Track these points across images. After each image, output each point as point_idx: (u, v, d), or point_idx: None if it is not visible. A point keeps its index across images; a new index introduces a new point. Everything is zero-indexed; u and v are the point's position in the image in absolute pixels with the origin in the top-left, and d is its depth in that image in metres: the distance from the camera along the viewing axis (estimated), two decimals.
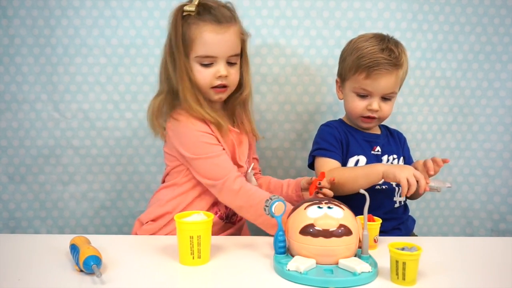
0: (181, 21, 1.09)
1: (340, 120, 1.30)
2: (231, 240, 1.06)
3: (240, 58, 1.15)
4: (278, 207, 0.90)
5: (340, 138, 1.23)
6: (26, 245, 1.00)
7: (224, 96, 1.15)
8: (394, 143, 1.29)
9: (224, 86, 1.12)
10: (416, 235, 1.31)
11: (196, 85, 1.11)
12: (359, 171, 1.14)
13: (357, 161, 1.21)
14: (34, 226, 1.50)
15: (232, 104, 1.19)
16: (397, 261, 0.82)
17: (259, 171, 1.33)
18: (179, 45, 1.09)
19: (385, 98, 1.19)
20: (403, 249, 0.83)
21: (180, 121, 1.10)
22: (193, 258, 0.89)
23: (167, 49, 1.13)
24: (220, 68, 1.10)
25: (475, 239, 1.39)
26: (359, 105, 1.20)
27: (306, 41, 1.47)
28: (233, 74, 1.13)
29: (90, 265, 0.82)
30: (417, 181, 1.02)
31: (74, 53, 1.43)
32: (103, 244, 1.02)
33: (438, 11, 1.48)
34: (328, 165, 1.21)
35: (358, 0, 1.45)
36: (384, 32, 1.24)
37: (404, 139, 1.34)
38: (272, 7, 1.44)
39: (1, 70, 1.42)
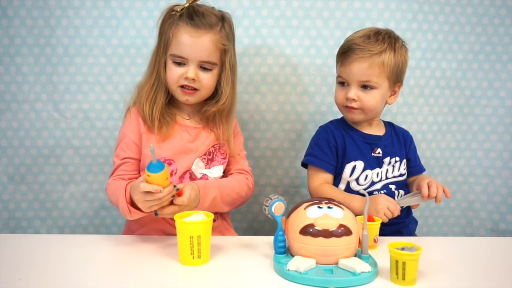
0: (168, 20, 1.13)
1: (342, 119, 1.29)
2: (231, 240, 1.06)
3: (220, 68, 1.16)
4: (278, 207, 0.90)
5: (335, 144, 1.22)
6: (26, 245, 1.00)
7: (191, 99, 1.16)
8: (398, 143, 1.27)
9: (194, 89, 1.14)
10: (416, 235, 1.31)
11: (165, 82, 1.15)
12: (338, 199, 1.11)
13: (354, 167, 1.20)
14: (34, 226, 1.50)
15: (207, 110, 1.19)
16: (397, 261, 0.82)
17: (239, 171, 1.28)
18: (160, 42, 1.14)
19: (365, 87, 1.17)
20: (403, 249, 0.83)
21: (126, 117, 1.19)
22: (193, 258, 0.89)
23: (156, 48, 1.18)
24: (189, 70, 1.12)
25: (475, 239, 1.39)
26: (339, 94, 1.21)
27: (306, 41, 1.47)
28: (205, 80, 1.14)
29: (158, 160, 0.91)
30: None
31: (74, 53, 1.43)
32: (103, 244, 1.03)
33: (438, 11, 1.48)
34: (318, 177, 1.22)
35: (358, 0, 1.45)
36: None
37: (411, 138, 1.31)
38: (272, 7, 1.44)
39: (1, 70, 1.42)
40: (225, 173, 1.25)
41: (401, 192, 1.22)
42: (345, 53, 1.17)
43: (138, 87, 1.20)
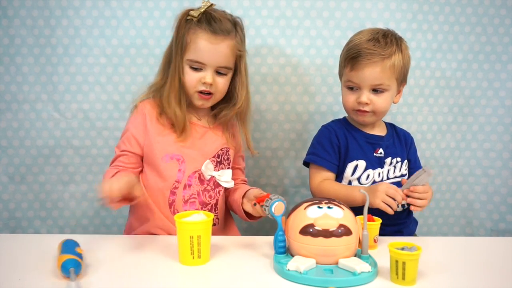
0: (184, 24, 1.14)
1: (344, 119, 1.29)
2: (231, 240, 1.06)
3: (234, 72, 1.19)
4: (278, 207, 0.90)
5: (337, 144, 1.22)
6: (26, 245, 1.00)
7: (207, 103, 1.18)
8: (400, 144, 1.27)
9: (209, 93, 1.16)
10: (416, 235, 1.31)
11: (183, 86, 1.15)
12: (341, 192, 1.14)
13: (356, 166, 1.21)
14: (34, 226, 1.50)
15: (226, 114, 1.21)
16: (397, 261, 0.82)
17: (243, 181, 1.30)
18: (177, 46, 1.14)
19: (376, 91, 1.17)
20: (403, 249, 0.83)
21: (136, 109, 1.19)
22: (193, 258, 0.89)
23: (169, 46, 1.19)
24: (207, 75, 1.13)
25: (475, 239, 1.39)
26: (350, 98, 1.20)
27: (306, 41, 1.47)
28: (220, 84, 1.16)
29: (68, 269, 0.80)
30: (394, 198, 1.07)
31: (74, 53, 1.43)
32: (103, 244, 1.03)
33: (438, 11, 1.48)
34: (319, 175, 1.22)
35: (358, 0, 1.45)
36: None
37: (411, 139, 1.32)
38: (272, 7, 1.45)
39: (2, 70, 1.42)
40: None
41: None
42: (355, 58, 1.16)
43: (151, 88, 1.20)
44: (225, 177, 1.19)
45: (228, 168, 1.22)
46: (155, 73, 1.23)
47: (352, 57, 1.17)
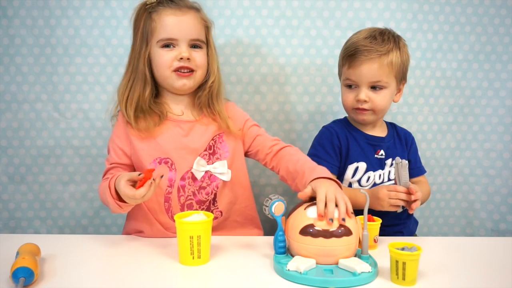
0: (143, 13, 1.12)
1: (345, 119, 1.29)
2: (231, 240, 1.06)
3: (206, 46, 1.16)
4: (278, 207, 0.90)
5: (338, 145, 1.22)
6: None
7: (188, 82, 1.13)
8: (400, 145, 1.27)
9: (190, 71, 1.13)
10: (416, 235, 1.31)
11: (158, 71, 1.12)
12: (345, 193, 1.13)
13: (357, 168, 1.20)
14: (34, 226, 1.50)
15: (203, 96, 1.16)
16: (397, 261, 0.82)
17: (276, 140, 1.22)
18: (136, 37, 1.12)
19: (375, 88, 1.17)
20: (403, 249, 0.83)
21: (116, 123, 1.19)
22: (193, 258, 0.89)
23: (131, 50, 1.16)
24: (182, 49, 1.10)
25: (475, 239, 1.39)
26: (349, 97, 1.20)
27: (306, 41, 1.47)
28: (199, 58, 1.13)
29: (18, 278, 0.76)
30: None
31: (74, 53, 1.43)
32: (103, 244, 1.03)
33: (438, 11, 1.48)
34: None
35: (358, 0, 1.45)
36: None
37: (412, 139, 1.31)
38: (272, 7, 1.44)
39: (1, 70, 1.42)
40: (262, 156, 1.21)
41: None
42: (353, 55, 1.16)
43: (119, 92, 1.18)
44: (220, 169, 1.14)
45: (225, 158, 1.16)
46: None
47: (349, 54, 1.17)
